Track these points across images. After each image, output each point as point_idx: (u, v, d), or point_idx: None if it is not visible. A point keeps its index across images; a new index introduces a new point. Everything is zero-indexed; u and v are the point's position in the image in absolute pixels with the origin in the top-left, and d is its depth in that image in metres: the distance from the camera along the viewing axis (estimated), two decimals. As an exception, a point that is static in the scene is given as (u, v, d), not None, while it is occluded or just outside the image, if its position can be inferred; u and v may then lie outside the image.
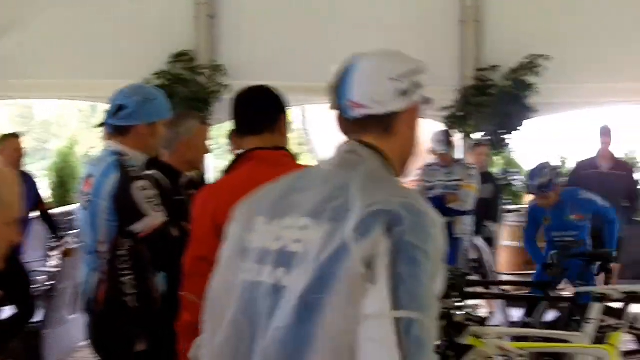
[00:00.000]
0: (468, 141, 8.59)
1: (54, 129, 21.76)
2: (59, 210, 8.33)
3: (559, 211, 5.65)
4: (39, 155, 18.51)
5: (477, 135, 8.57)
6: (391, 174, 1.66)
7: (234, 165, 2.49)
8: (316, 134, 15.77)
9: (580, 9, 8.58)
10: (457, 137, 8.12)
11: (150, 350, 2.98)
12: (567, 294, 5.19)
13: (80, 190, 3.17)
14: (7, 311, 5.69)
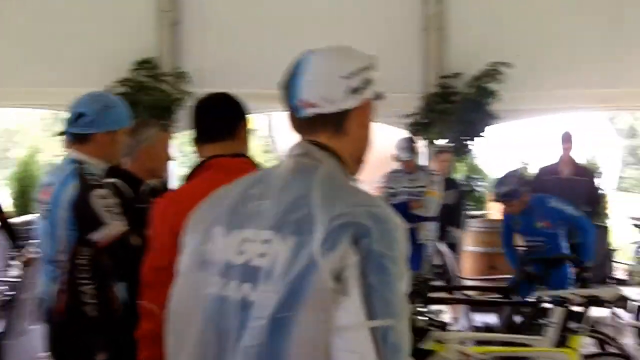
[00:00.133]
0: (432, 148, 8.65)
1: (15, 137, 21.48)
2: (20, 219, 8.20)
3: (527, 217, 5.70)
4: (0, 164, 18.25)
5: (441, 142, 8.63)
6: (347, 175, 1.65)
7: (193, 173, 2.47)
8: (282, 141, 15.75)
9: (541, 17, 8.69)
10: (420, 144, 8.17)
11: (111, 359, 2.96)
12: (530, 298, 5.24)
13: (39, 199, 3.14)
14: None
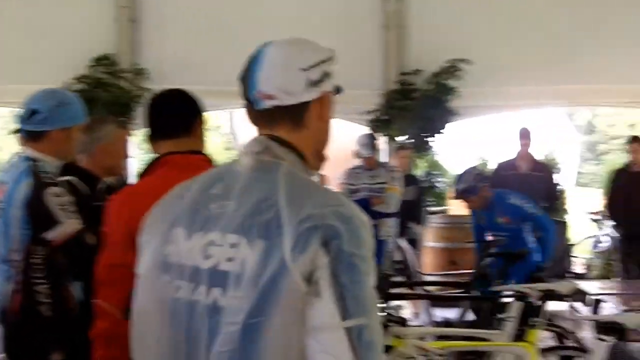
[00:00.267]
0: (392, 144, 8.69)
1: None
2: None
3: (490, 213, 5.75)
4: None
5: (401, 139, 8.68)
6: (308, 171, 1.64)
7: (147, 170, 2.44)
8: (244, 138, 15.70)
9: (500, 14, 8.78)
10: (381, 140, 8.20)
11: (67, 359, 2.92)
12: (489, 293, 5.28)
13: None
14: None
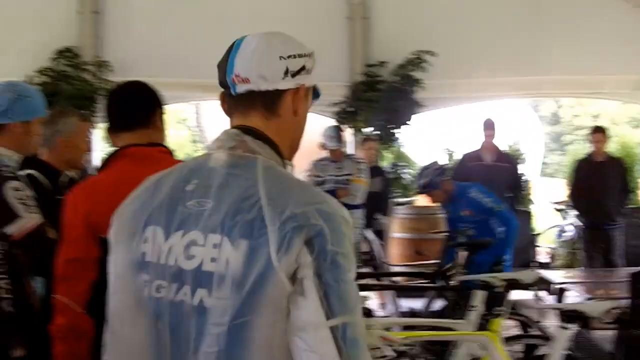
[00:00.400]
0: (358, 136, 8.72)
1: None
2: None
3: (454, 205, 5.79)
4: None
5: (367, 130, 8.70)
6: (283, 162, 1.63)
7: (107, 162, 2.42)
8: (211, 130, 15.61)
9: (464, 5, 8.85)
10: (347, 132, 8.21)
11: (29, 355, 2.89)
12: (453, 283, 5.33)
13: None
14: None
